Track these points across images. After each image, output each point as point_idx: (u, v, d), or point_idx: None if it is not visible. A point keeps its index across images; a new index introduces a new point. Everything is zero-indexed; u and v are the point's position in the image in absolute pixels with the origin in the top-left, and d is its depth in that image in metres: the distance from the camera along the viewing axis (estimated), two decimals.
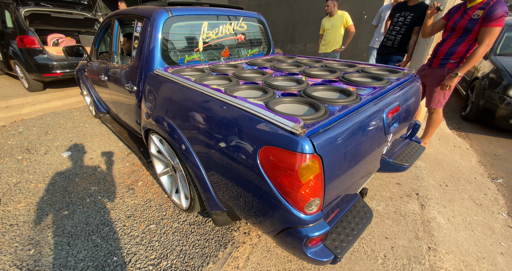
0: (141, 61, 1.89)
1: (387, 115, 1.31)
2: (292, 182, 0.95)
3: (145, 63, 1.86)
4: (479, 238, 1.78)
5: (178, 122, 1.48)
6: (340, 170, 1.08)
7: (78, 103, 4.60)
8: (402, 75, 1.80)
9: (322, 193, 1.01)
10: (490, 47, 2.07)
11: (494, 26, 1.96)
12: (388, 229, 1.81)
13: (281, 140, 0.96)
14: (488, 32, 1.99)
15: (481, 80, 3.62)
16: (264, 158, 1.01)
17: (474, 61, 2.10)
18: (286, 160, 0.94)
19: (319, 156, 0.95)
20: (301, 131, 0.92)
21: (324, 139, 0.97)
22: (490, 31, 1.98)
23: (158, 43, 1.84)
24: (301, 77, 1.80)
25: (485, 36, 2.01)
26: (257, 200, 1.11)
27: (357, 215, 1.28)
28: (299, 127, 0.93)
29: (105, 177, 2.42)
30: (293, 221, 1.01)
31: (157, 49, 1.84)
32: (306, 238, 1.01)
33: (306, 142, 0.91)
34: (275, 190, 1.01)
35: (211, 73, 1.82)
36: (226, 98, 1.21)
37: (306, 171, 0.93)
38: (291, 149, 0.93)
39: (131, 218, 1.89)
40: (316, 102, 1.20)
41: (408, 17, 2.99)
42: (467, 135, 3.46)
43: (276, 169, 0.98)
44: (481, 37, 2.05)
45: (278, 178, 0.98)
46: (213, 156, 1.28)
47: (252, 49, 2.63)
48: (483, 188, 2.36)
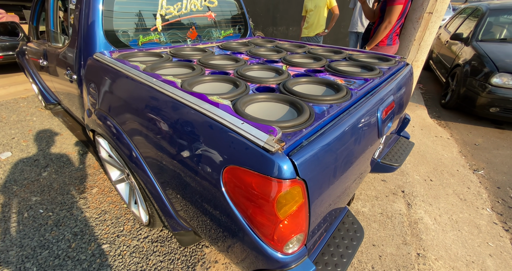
0: (79, 42, 1.48)
1: (382, 113, 1.08)
2: (266, 217, 0.69)
3: (84, 45, 1.46)
4: (467, 239, 1.70)
5: (124, 124, 1.15)
6: (329, 190, 0.85)
7: (26, 92, 3.96)
8: (394, 63, 1.57)
9: (307, 226, 0.77)
10: (392, 24, 2.31)
11: (394, 5, 2.19)
12: (375, 234, 1.66)
13: (251, 159, 0.68)
14: (389, 10, 2.23)
15: (462, 67, 3.54)
16: (229, 181, 0.74)
17: (377, 37, 2.40)
18: (258, 188, 0.68)
19: (302, 180, 0.69)
20: (277, 147, 0.65)
21: (308, 155, 0.71)
22: (390, 9, 2.22)
23: (99, 18, 1.43)
24: (281, 65, 1.51)
25: (387, 14, 2.25)
26: (224, 231, 0.85)
27: (347, 235, 1.07)
28: (275, 141, 0.66)
29: (51, 184, 2.04)
30: (268, 263, 0.77)
31: (97, 26, 1.43)
32: None
33: (284, 163, 0.65)
34: (245, 224, 0.75)
35: (171, 58, 1.47)
36: (179, 95, 0.90)
37: (286, 202, 0.68)
38: (264, 173, 0.66)
39: (78, 237, 1.57)
40: (298, 101, 0.93)
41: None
42: (447, 124, 3.43)
43: (245, 198, 0.71)
44: (385, 15, 2.28)
45: (248, 210, 0.72)
46: (168, 170, 0.99)
47: (226, 30, 2.26)
48: (466, 181, 2.30)
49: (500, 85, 3.00)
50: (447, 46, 4.63)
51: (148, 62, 1.35)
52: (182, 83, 1.03)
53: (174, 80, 1.05)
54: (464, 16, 4.83)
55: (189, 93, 0.90)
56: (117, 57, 1.35)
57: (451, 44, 4.44)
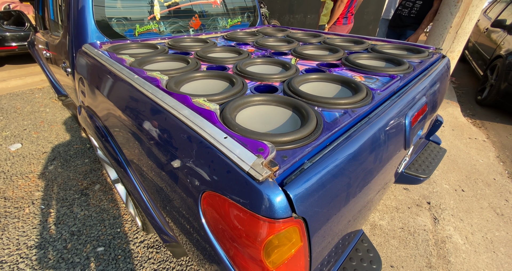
0: (70, 33, 1.37)
1: (411, 120, 0.87)
2: (252, 265, 0.53)
3: (75, 36, 1.34)
4: (503, 263, 1.45)
5: (109, 126, 1.02)
6: (338, 222, 0.67)
7: (42, 82, 4.03)
8: (427, 56, 1.31)
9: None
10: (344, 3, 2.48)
11: None
12: (394, 253, 1.46)
13: (233, 187, 0.52)
14: None
15: (504, 59, 3.09)
16: (209, 210, 0.59)
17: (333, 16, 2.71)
18: (242, 226, 0.52)
19: (301, 218, 0.52)
20: (267, 174, 0.48)
21: (311, 184, 0.54)
22: None
23: (89, 5, 1.30)
24: (291, 58, 1.31)
25: None
26: (208, 260, 0.71)
27: (360, 267, 0.89)
28: (264, 164, 0.50)
29: (56, 178, 2.01)
30: None
31: (88, 14, 1.30)
32: None
33: (276, 196, 0.48)
34: (229, 264, 0.60)
35: (166, 51, 1.32)
36: (158, 96, 0.74)
37: (278, 246, 0.51)
38: (249, 208, 0.50)
39: (75, 237, 1.52)
40: (304, 106, 0.74)
41: None
42: (483, 124, 3.04)
43: (226, 234, 0.56)
44: None
45: (230, 250, 0.57)
46: (150, 181, 0.86)
47: (233, 18, 2.06)
48: (504, 192, 2.00)
49: None
50: (487, 34, 4.10)
51: (140, 54, 1.21)
52: (168, 81, 0.87)
53: (159, 77, 0.89)
54: (507, 0, 4.23)
55: (170, 94, 0.74)
56: (107, 49, 1.22)
57: (491, 32, 3.92)
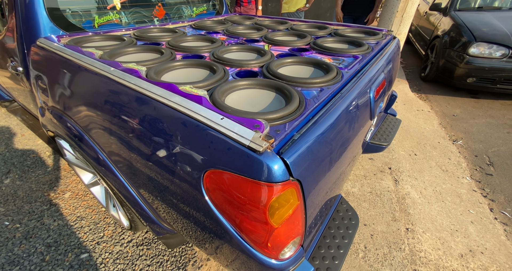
0: (18, 26, 1.23)
1: (375, 93, 1.00)
2: (258, 226, 0.60)
3: (24, 29, 1.21)
4: (450, 209, 1.75)
5: (84, 124, 0.98)
6: (325, 184, 0.77)
7: None
8: (381, 37, 1.47)
9: (304, 228, 0.69)
10: None
11: None
12: (365, 213, 1.67)
13: (235, 161, 0.58)
14: None
15: (441, 38, 3.53)
16: (212, 187, 0.63)
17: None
18: (246, 194, 0.58)
19: (297, 180, 0.60)
20: (266, 145, 0.55)
21: (302, 151, 0.62)
22: None
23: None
24: (263, 45, 1.36)
25: None
26: (211, 236, 0.76)
27: (342, 224, 1.03)
28: (262, 137, 0.56)
29: (16, 192, 1.83)
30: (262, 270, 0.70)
31: (38, 5, 1.18)
32: None
33: (275, 163, 0.55)
34: (234, 232, 0.66)
35: (135, 42, 1.27)
36: (143, 86, 0.75)
37: (279, 207, 0.59)
38: (252, 177, 0.56)
39: (52, 249, 1.43)
40: (286, 87, 0.81)
41: None
42: (427, 97, 3.48)
43: (231, 205, 0.61)
44: None
45: (236, 219, 0.63)
46: (141, 174, 0.86)
47: (198, 7, 2.01)
48: (447, 152, 2.36)
49: (477, 55, 3.03)
50: (426, 17, 4.59)
51: (107, 47, 1.15)
52: (148, 72, 0.87)
53: (137, 68, 0.88)
54: None
55: (155, 84, 0.75)
56: (67, 43, 1.13)
57: (430, 15, 4.40)
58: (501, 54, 2.92)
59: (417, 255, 1.44)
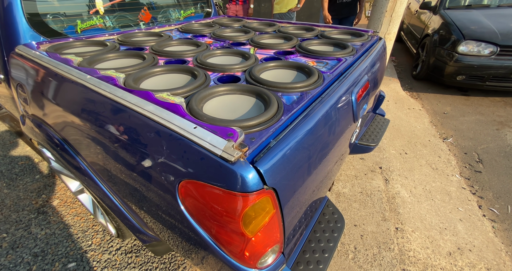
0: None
1: (357, 96, 1.00)
2: (233, 236, 0.60)
3: (3, 37, 1.19)
4: (439, 207, 1.77)
5: (64, 133, 0.96)
6: (304, 189, 0.76)
7: None
8: (367, 39, 1.47)
9: (282, 236, 0.69)
10: None
11: None
12: (356, 214, 1.67)
13: (208, 171, 0.57)
14: None
15: (431, 37, 3.56)
16: (187, 197, 0.63)
17: None
18: (220, 204, 0.57)
19: (272, 189, 0.59)
20: (238, 154, 0.54)
21: (277, 158, 0.61)
22: None
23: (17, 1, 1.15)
24: (249, 48, 1.35)
25: None
26: (193, 247, 0.75)
27: (327, 227, 1.02)
28: (235, 146, 0.55)
29: (3, 201, 1.80)
30: None
31: (16, 9, 1.16)
32: None
33: (248, 173, 0.54)
34: (212, 243, 0.65)
35: (117, 47, 1.25)
36: (117, 94, 0.74)
37: (254, 216, 0.58)
38: (225, 187, 0.55)
39: (39, 258, 1.41)
40: (265, 92, 0.81)
41: None
42: (419, 95, 3.50)
43: (206, 216, 0.61)
44: None
45: (212, 229, 0.62)
46: (122, 183, 0.85)
47: (186, 10, 2.00)
48: (437, 150, 2.38)
49: (466, 53, 3.06)
50: (417, 16, 4.62)
51: (87, 53, 1.13)
52: (126, 79, 0.86)
53: (115, 75, 0.87)
54: None
55: (130, 92, 0.74)
56: (47, 49, 1.11)
57: (420, 14, 4.43)
58: (489, 51, 2.95)
59: (406, 254, 1.44)
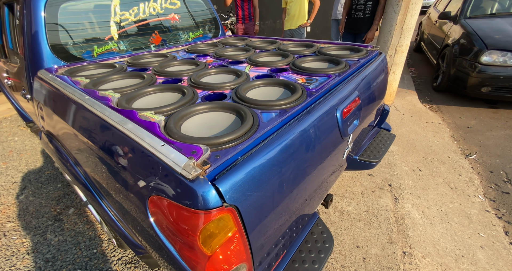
0: (26, 60, 1.39)
1: (342, 113, 0.99)
2: (194, 254, 0.61)
3: (30, 62, 1.37)
4: (457, 231, 1.61)
5: (67, 146, 1.06)
6: (278, 207, 0.76)
7: (9, 111, 3.88)
8: (365, 54, 1.46)
9: (248, 255, 0.68)
10: None
11: None
12: (359, 234, 1.58)
13: (171, 188, 0.60)
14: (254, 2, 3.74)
15: (451, 47, 3.40)
16: (155, 213, 0.66)
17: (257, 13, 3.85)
18: (180, 221, 0.59)
19: (232, 206, 0.61)
20: (196, 173, 0.56)
21: (241, 176, 0.63)
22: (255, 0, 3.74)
23: (42, 32, 1.34)
24: (245, 66, 1.41)
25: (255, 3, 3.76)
26: (166, 263, 0.77)
27: (314, 247, 0.99)
28: (194, 165, 0.58)
29: (27, 208, 1.98)
30: None
31: (41, 40, 1.34)
32: None
33: (205, 191, 0.57)
34: (180, 260, 0.67)
35: (124, 69, 1.38)
36: (105, 113, 0.81)
37: (212, 235, 0.60)
38: (184, 204, 0.58)
39: (50, 264, 1.51)
40: (243, 109, 0.84)
41: None
42: (439, 108, 3.31)
43: (170, 231, 0.63)
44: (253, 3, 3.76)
45: (176, 245, 0.64)
46: (111, 196, 0.91)
47: (194, 31, 2.15)
48: (457, 167, 2.20)
49: (490, 63, 2.87)
50: (437, 26, 4.46)
51: (97, 75, 1.26)
52: (120, 99, 0.94)
53: (111, 95, 0.96)
54: None
55: (117, 111, 0.81)
56: (63, 73, 1.26)
57: (440, 24, 4.28)
58: None
59: None
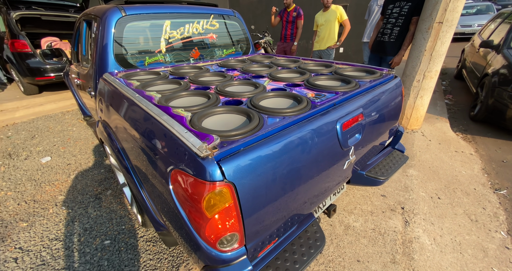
0: (95, 65, 1.78)
1: (342, 126, 1.12)
2: (198, 216, 0.79)
3: (98, 67, 1.75)
4: (468, 263, 1.54)
5: (117, 133, 1.35)
6: (272, 195, 0.91)
7: (72, 106, 4.62)
8: (379, 76, 1.57)
9: (241, 227, 0.84)
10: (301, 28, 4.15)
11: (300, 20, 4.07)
12: (362, 250, 1.60)
13: (187, 164, 0.80)
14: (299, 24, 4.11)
15: (491, 76, 3.25)
16: (174, 183, 0.86)
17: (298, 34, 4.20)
18: (191, 188, 0.78)
19: (231, 183, 0.78)
20: (206, 153, 0.75)
21: (241, 161, 0.80)
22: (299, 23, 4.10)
23: (110, 45, 1.71)
24: (265, 80, 1.62)
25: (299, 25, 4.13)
26: (180, 229, 0.96)
27: (306, 243, 1.09)
28: (206, 148, 0.77)
29: (76, 185, 2.36)
30: (208, 259, 0.85)
31: (109, 51, 1.71)
32: None
33: (211, 167, 0.75)
34: (188, 222, 0.85)
35: (167, 76, 1.68)
36: (148, 107, 1.06)
37: (214, 202, 0.77)
38: (195, 175, 0.77)
39: (87, 232, 1.80)
40: (252, 113, 1.02)
41: (405, 7, 2.73)
42: (474, 139, 3.13)
43: (183, 197, 0.82)
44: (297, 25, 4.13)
45: (186, 209, 0.82)
46: (144, 174, 1.14)
47: (228, 49, 2.46)
48: (483, 201, 2.08)
49: None
50: (479, 54, 4.29)
51: (145, 80, 1.57)
52: (160, 98, 1.20)
53: (154, 95, 1.22)
54: (499, 21, 4.47)
55: (157, 106, 1.06)
56: (121, 76, 1.60)
57: (482, 52, 4.11)
58: None
59: None
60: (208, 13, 2.20)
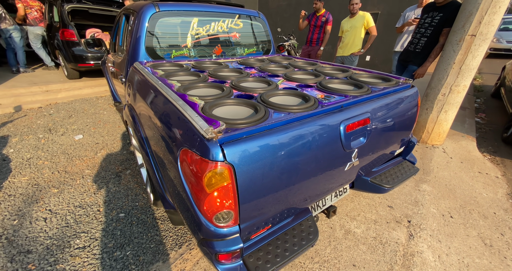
0: (128, 54, 1.96)
1: (346, 128, 1.15)
2: (199, 191, 0.88)
3: (131, 56, 1.93)
4: None
5: (140, 116, 1.49)
6: (268, 184, 0.97)
7: (105, 92, 5.02)
8: (394, 84, 1.57)
9: (235, 206, 0.91)
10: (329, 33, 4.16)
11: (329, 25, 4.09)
12: (359, 256, 1.60)
13: (194, 144, 0.89)
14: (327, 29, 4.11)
15: None
16: (182, 160, 0.96)
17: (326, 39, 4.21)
18: (195, 166, 0.87)
19: (230, 164, 0.86)
20: (211, 135, 0.84)
21: (242, 146, 0.88)
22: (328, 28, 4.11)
23: (143, 37, 1.89)
24: (279, 79, 1.69)
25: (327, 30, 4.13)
26: (184, 206, 1.06)
27: (299, 234, 1.14)
28: (212, 131, 0.86)
29: (101, 162, 2.59)
30: (204, 232, 0.94)
31: (141, 43, 1.88)
32: (215, 253, 0.93)
33: (214, 148, 0.84)
34: (190, 197, 0.95)
35: (189, 69, 1.81)
36: (167, 93, 1.18)
37: (213, 180, 0.85)
38: (200, 154, 0.86)
39: (106, 204, 1.98)
40: (260, 106, 1.10)
41: (436, 18, 2.64)
42: (503, 161, 2.92)
43: (189, 174, 0.92)
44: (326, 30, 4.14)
45: (189, 185, 0.92)
46: (159, 153, 1.26)
47: (249, 48, 2.55)
48: (502, 226, 1.96)
49: None
50: None
51: (170, 70, 1.71)
52: (179, 87, 1.31)
53: (175, 84, 1.35)
54: None
55: (176, 93, 1.17)
56: (149, 66, 1.75)
57: None
58: None
59: None
60: (234, 13, 2.31)
